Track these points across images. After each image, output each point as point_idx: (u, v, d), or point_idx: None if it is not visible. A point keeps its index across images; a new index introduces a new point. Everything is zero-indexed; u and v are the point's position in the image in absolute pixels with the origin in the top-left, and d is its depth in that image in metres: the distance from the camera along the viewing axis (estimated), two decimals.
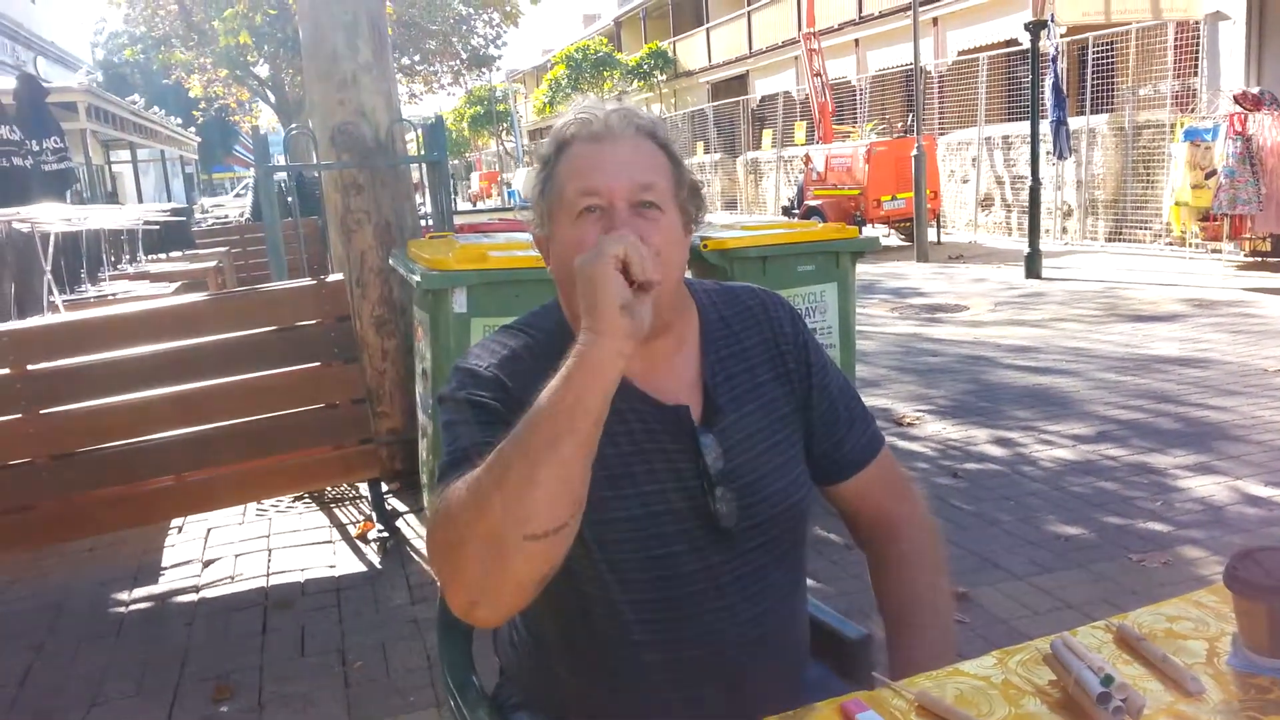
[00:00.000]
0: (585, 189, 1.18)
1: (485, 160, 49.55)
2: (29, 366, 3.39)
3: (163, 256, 9.41)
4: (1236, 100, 9.49)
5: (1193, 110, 11.45)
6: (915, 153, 12.43)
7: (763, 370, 1.31)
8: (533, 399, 1.03)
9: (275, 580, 3.57)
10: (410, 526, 4.00)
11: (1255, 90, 9.77)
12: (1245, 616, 1.07)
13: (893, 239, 14.66)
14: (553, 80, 30.12)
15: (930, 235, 13.45)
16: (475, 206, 28.24)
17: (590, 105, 1.23)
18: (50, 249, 5.54)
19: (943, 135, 16.13)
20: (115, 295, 6.24)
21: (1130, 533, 3.54)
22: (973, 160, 15.17)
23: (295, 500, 4.38)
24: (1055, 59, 11.29)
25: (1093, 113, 12.71)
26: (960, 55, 16.55)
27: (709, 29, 27.22)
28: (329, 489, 4.37)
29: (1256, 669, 1.05)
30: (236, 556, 3.82)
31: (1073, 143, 12.14)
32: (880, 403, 5.55)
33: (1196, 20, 11.94)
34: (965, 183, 15.53)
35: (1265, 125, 9.08)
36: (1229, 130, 9.21)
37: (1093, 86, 12.69)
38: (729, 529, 1.23)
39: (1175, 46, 12.05)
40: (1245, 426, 4.68)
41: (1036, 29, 10.48)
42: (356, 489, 4.40)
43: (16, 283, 5.23)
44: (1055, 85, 11.33)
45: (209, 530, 4.11)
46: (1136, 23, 12.22)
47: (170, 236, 9.81)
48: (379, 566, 3.64)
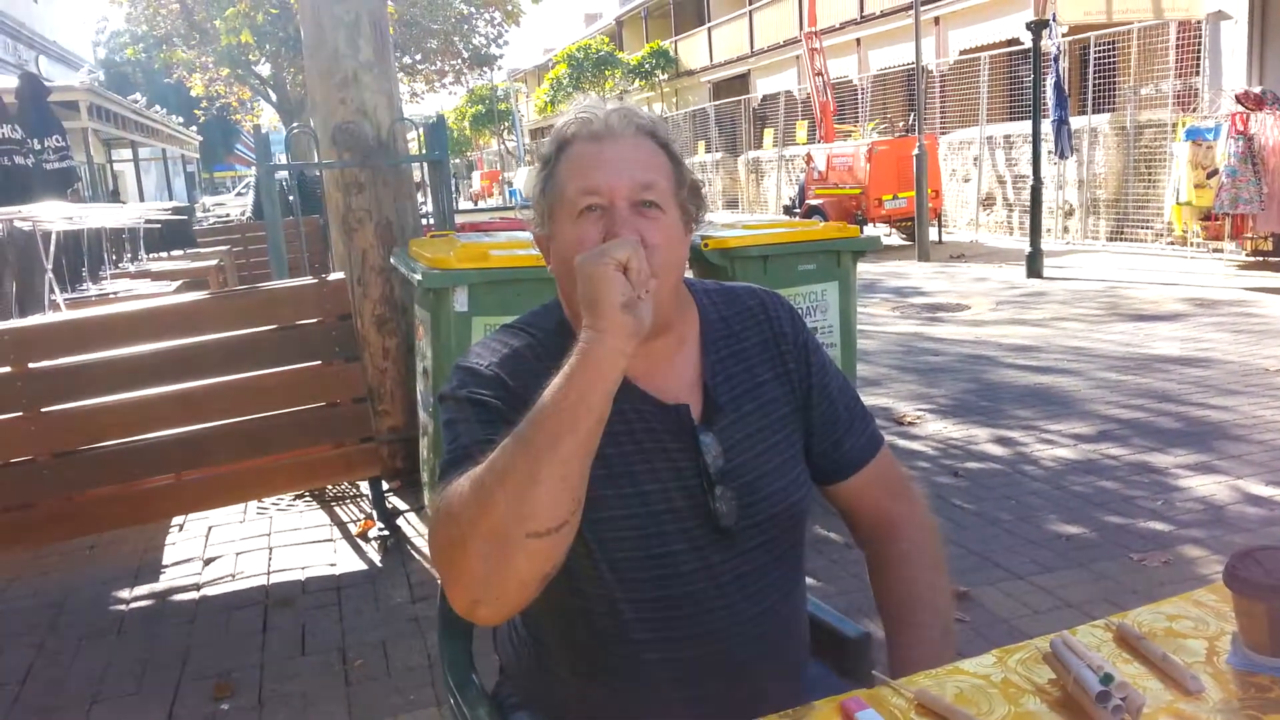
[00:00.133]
0: (586, 188, 1.18)
1: (486, 159, 49.56)
2: (30, 365, 3.39)
3: (164, 255, 9.41)
4: (1238, 99, 9.48)
5: (1194, 109, 11.45)
6: (917, 152, 12.44)
7: (762, 370, 1.32)
8: (534, 398, 1.04)
9: (276, 578, 3.58)
10: (411, 525, 4.00)
11: (1257, 89, 9.77)
12: (1245, 615, 1.07)
13: (894, 238, 14.66)
14: (554, 79, 30.12)
15: (931, 234, 13.45)
16: (476, 205, 28.25)
17: (591, 104, 1.24)
18: (52, 247, 5.54)
19: (944, 134, 16.13)
20: (116, 294, 6.24)
21: (1131, 532, 3.54)
22: (974, 159, 15.16)
23: (296, 499, 4.39)
24: (1057, 58, 11.28)
25: (1094, 112, 12.70)
26: (962, 54, 16.54)
27: (710, 28, 27.21)
28: (330, 487, 4.38)
29: (1256, 668, 1.05)
30: (237, 555, 3.82)
31: (1074, 142, 12.13)
32: (881, 402, 5.55)
33: (1198, 20, 11.93)
34: (967, 182, 15.52)
35: (1267, 125, 9.08)
36: (1231, 129, 9.21)
37: (1094, 86, 12.68)
38: (729, 528, 1.23)
39: (1177, 46, 12.04)
40: (1246, 426, 4.68)
41: (1038, 28, 10.48)
42: (357, 487, 4.40)
43: (18, 281, 5.23)
44: (1057, 84, 11.32)
45: (210, 528, 4.11)
46: (1138, 22, 12.21)
47: (171, 235, 9.80)
48: (379, 565, 3.65)
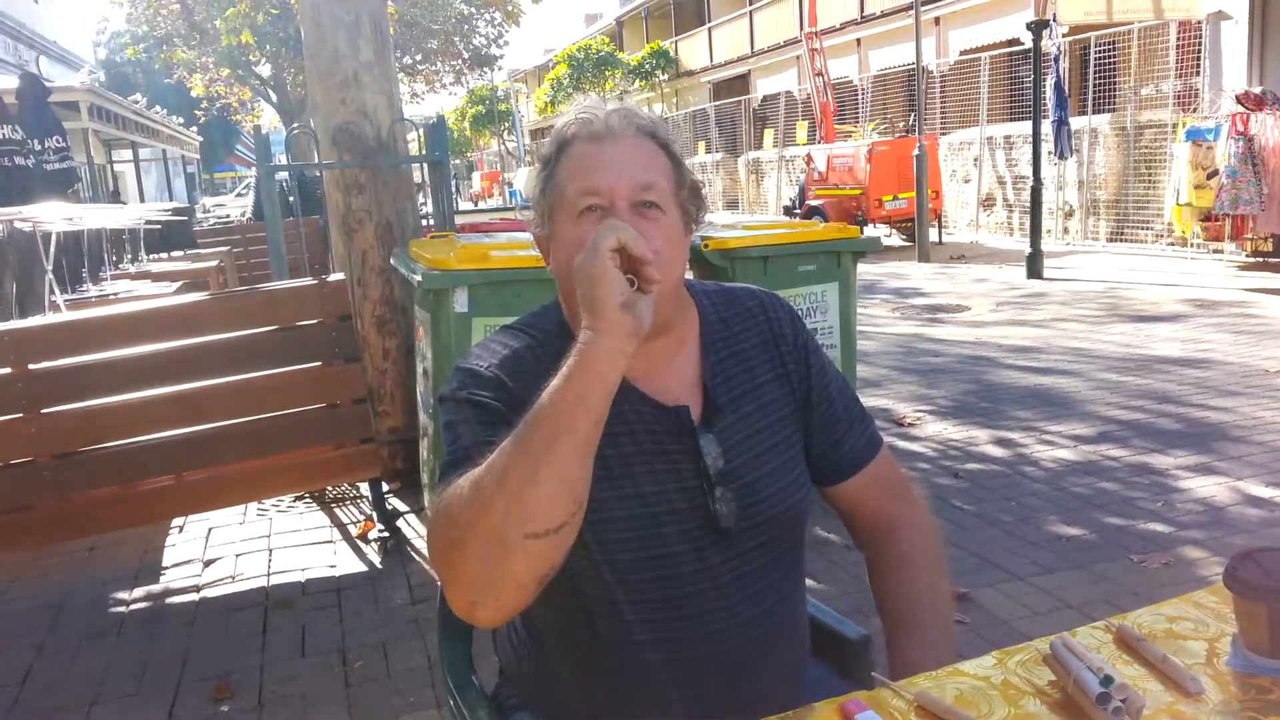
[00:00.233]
0: (586, 189, 1.18)
1: (487, 160, 49.56)
2: (30, 366, 3.39)
3: (164, 256, 9.41)
4: (1238, 100, 9.48)
5: (1195, 110, 11.45)
6: (917, 152, 12.43)
7: (762, 371, 1.32)
8: (534, 399, 1.04)
9: (276, 580, 3.58)
10: (411, 526, 4.00)
11: (1257, 90, 9.77)
12: (1245, 617, 1.07)
13: (894, 239, 14.65)
14: (554, 80, 30.12)
15: (932, 235, 13.44)
16: (477, 206, 28.25)
17: (591, 105, 1.24)
18: (52, 248, 5.54)
19: (944, 135, 16.13)
20: (117, 295, 6.24)
21: (1131, 533, 3.54)
22: (974, 160, 15.16)
23: (296, 500, 4.38)
24: (1057, 58, 11.28)
25: (1095, 112, 12.69)
26: (962, 55, 16.55)
27: (711, 28, 27.21)
28: (330, 489, 4.37)
29: (1256, 669, 1.05)
30: (237, 556, 3.82)
31: (1075, 142, 12.13)
32: (881, 403, 5.55)
33: (1198, 20, 11.93)
34: (967, 183, 15.52)
35: (1267, 125, 9.07)
36: (1231, 130, 9.21)
37: (1095, 86, 12.68)
38: (729, 529, 1.23)
39: (1177, 46, 12.04)
40: (1246, 427, 4.68)
41: (1038, 29, 10.48)
42: (357, 489, 4.40)
43: (18, 282, 5.23)
44: (1057, 85, 11.32)
45: (210, 530, 4.11)
46: (1138, 22, 12.21)
47: (172, 236, 9.80)
48: (379, 566, 3.65)
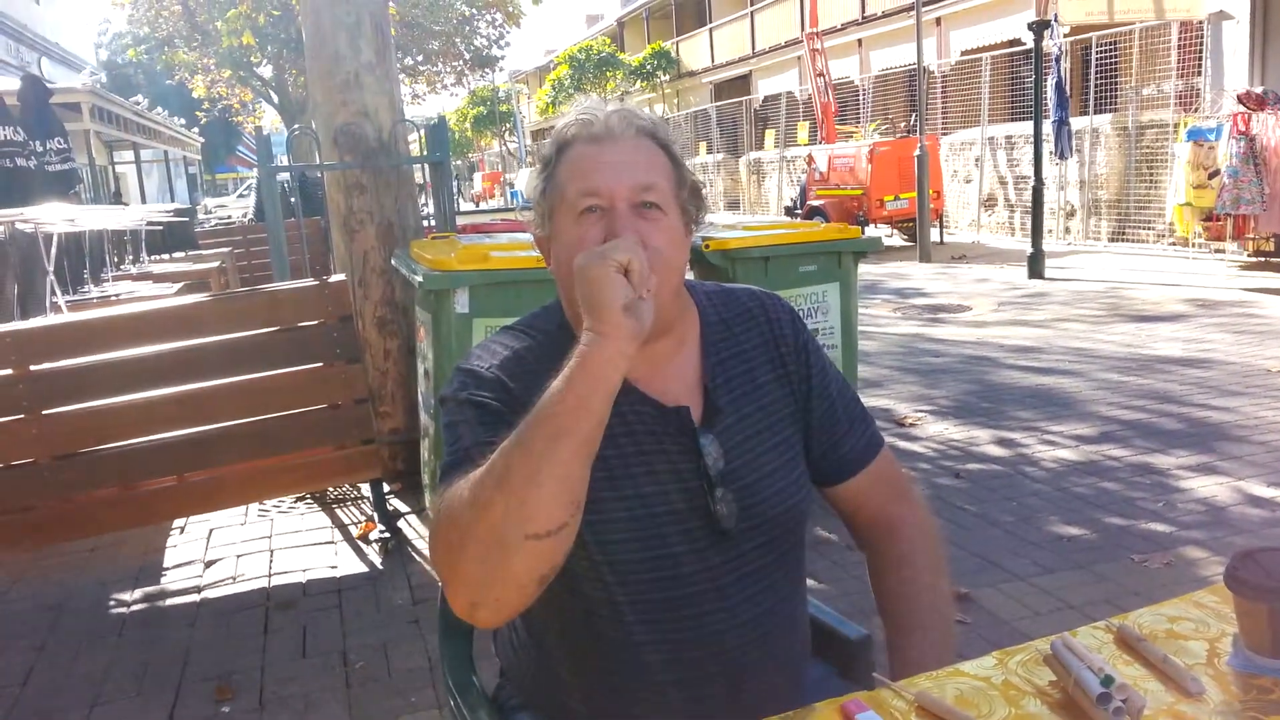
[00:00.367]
0: (586, 189, 1.18)
1: (488, 161, 49.59)
2: (32, 367, 3.40)
3: (166, 257, 9.42)
4: (1240, 100, 9.47)
5: (1196, 110, 11.44)
6: (918, 153, 12.44)
7: (762, 372, 1.31)
8: (534, 400, 1.04)
9: (277, 581, 3.58)
10: (412, 527, 4.00)
11: (1259, 90, 9.76)
12: (1246, 617, 1.07)
13: (895, 239, 14.65)
14: (555, 80, 30.14)
15: (933, 235, 13.44)
16: (478, 207, 28.26)
17: (591, 106, 1.24)
18: (53, 249, 5.55)
19: (946, 135, 16.12)
20: (118, 296, 6.25)
21: (1132, 533, 3.53)
22: (976, 160, 15.15)
23: (297, 501, 4.39)
24: (1058, 59, 11.27)
25: (1096, 112, 12.69)
26: (963, 55, 16.54)
27: (712, 29, 27.21)
28: (331, 489, 4.38)
29: (1257, 669, 1.05)
30: (238, 557, 3.82)
31: (1076, 143, 12.12)
32: (882, 403, 5.55)
33: (1200, 20, 11.93)
34: (968, 183, 15.51)
35: (1269, 125, 9.06)
36: (1232, 130, 9.20)
37: (1096, 86, 12.67)
38: (729, 530, 1.23)
39: (1179, 46, 12.03)
40: (1248, 427, 4.68)
41: (1040, 29, 10.47)
42: (358, 489, 4.40)
43: (20, 283, 5.24)
44: (1058, 85, 11.31)
45: (211, 531, 4.11)
46: (1140, 22, 12.20)
47: (173, 237, 9.82)
48: (380, 567, 3.65)
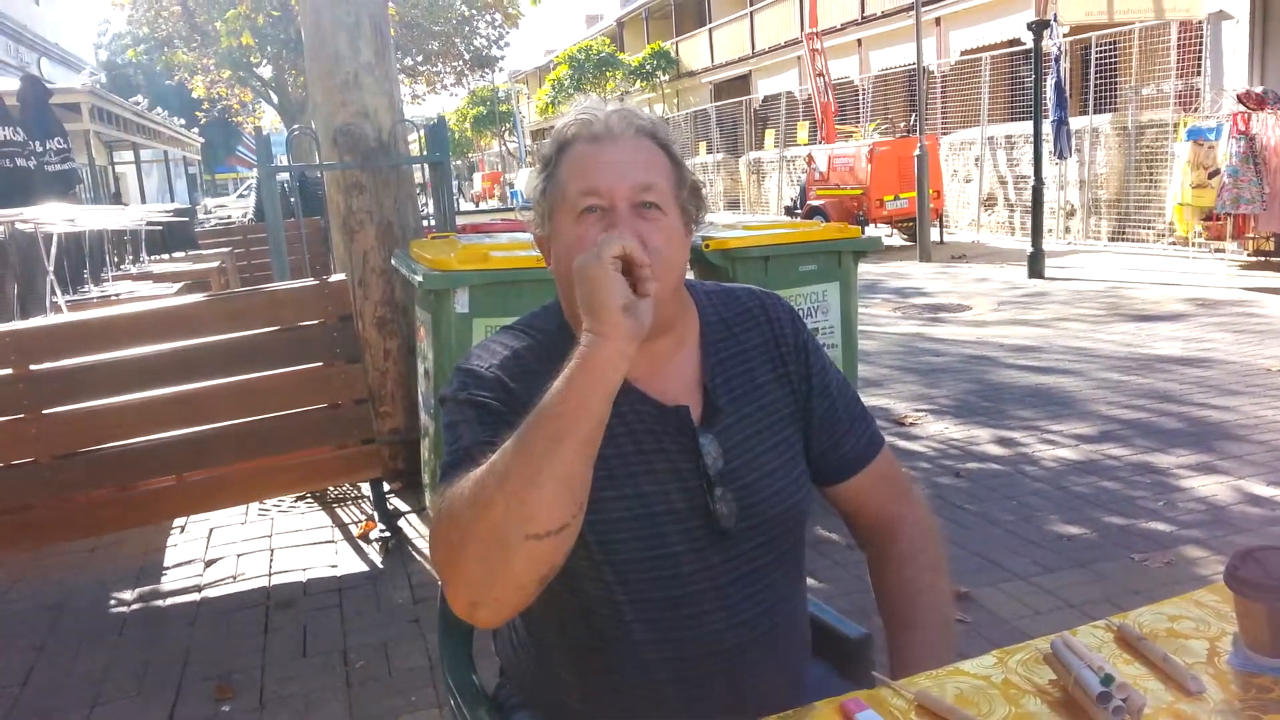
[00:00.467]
0: (586, 189, 1.18)
1: (488, 161, 49.59)
2: (32, 367, 3.40)
3: (166, 257, 9.43)
4: (1240, 99, 9.47)
5: (1196, 109, 11.44)
6: (918, 152, 12.44)
7: (762, 371, 1.31)
8: (535, 399, 1.04)
9: (277, 580, 3.58)
10: (412, 526, 4.00)
11: (1259, 89, 9.75)
12: (1246, 616, 1.07)
13: (895, 239, 14.65)
14: (555, 80, 30.14)
15: (933, 235, 13.44)
16: (478, 207, 28.26)
17: (591, 106, 1.24)
18: (53, 249, 5.55)
19: (945, 135, 16.12)
20: (118, 296, 6.25)
21: (1132, 532, 3.54)
22: (975, 160, 15.16)
23: (297, 500, 4.39)
24: (1058, 59, 11.27)
25: (1096, 112, 12.69)
26: (963, 55, 16.54)
27: (711, 29, 27.21)
28: (331, 489, 4.38)
29: (1257, 668, 1.05)
30: (238, 556, 3.82)
31: (1076, 142, 12.12)
32: (882, 402, 5.55)
33: (1199, 19, 11.92)
34: (968, 182, 15.51)
35: (1269, 124, 9.06)
36: (1232, 129, 9.20)
37: (1096, 86, 12.67)
38: (729, 529, 1.23)
39: (1178, 46, 12.03)
40: (1248, 426, 4.68)
41: (1039, 29, 10.47)
42: (358, 489, 4.40)
43: (20, 283, 5.24)
44: (1057, 85, 11.31)
45: (211, 530, 4.11)
46: (1139, 22, 12.20)
47: (173, 237, 9.82)
48: (381, 566, 3.65)
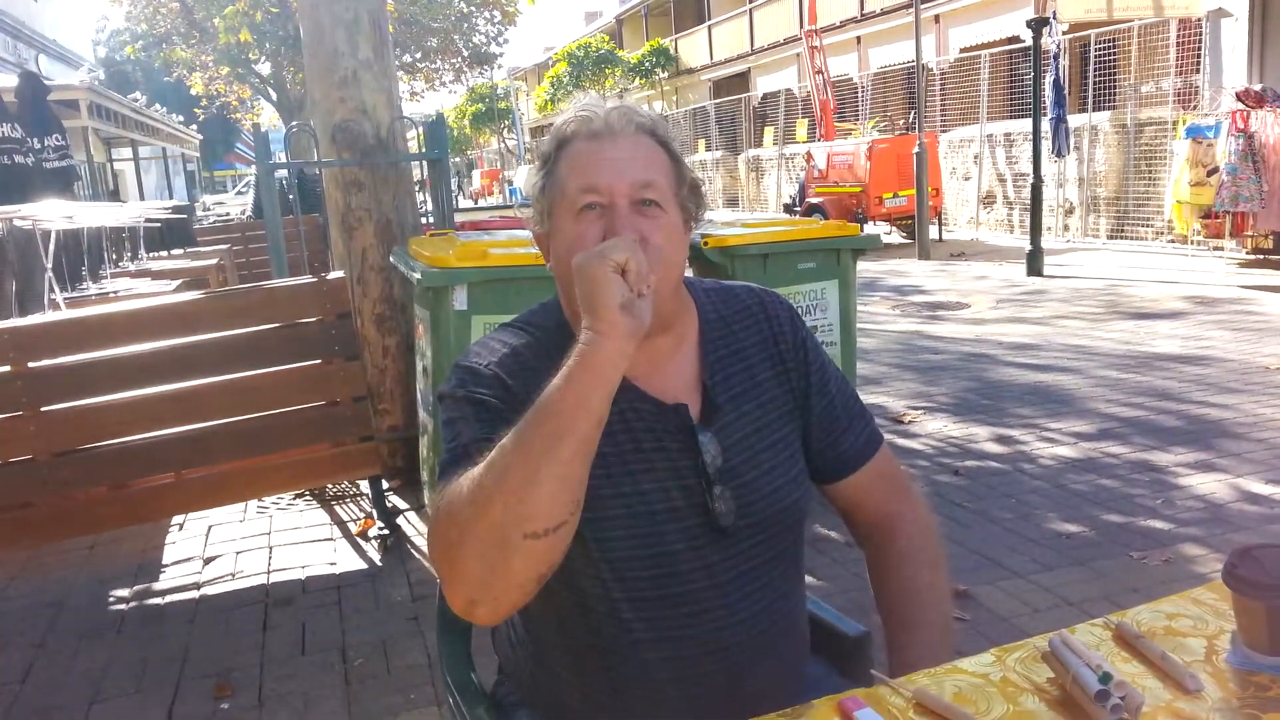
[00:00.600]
0: (586, 186, 1.18)
1: (487, 158, 49.57)
2: (30, 364, 3.39)
3: (164, 254, 9.41)
4: (1239, 97, 9.46)
5: (1195, 107, 11.43)
6: (917, 150, 12.43)
7: (761, 369, 1.31)
8: (533, 397, 1.03)
9: (276, 578, 3.58)
10: (411, 524, 4.00)
11: (1257, 87, 9.75)
12: (1244, 614, 1.07)
13: (894, 236, 14.65)
14: (554, 78, 30.12)
15: (932, 233, 13.44)
16: (476, 204, 28.25)
17: (590, 103, 1.23)
18: (51, 246, 5.54)
19: (944, 132, 16.11)
20: (117, 293, 6.24)
21: (1131, 530, 3.54)
22: (974, 157, 15.15)
23: (296, 498, 4.38)
24: (1057, 56, 11.27)
25: (1095, 110, 12.69)
26: (962, 52, 16.54)
27: (710, 26, 27.20)
28: (330, 486, 4.37)
29: (1255, 666, 1.05)
30: (237, 554, 3.82)
31: (1075, 140, 12.12)
32: (881, 400, 5.55)
33: (1199, 17, 11.92)
34: (967, 180, 15.51)
35: (1268, 122, 9.06)
36: (1231, 127, 9.19)
37: (1095, 83, 12.67)
38: (727, 527, 1.23)
39: (1177, 43, 12.03)
40: (1246, 424, 4.68)
41: (1039, 26, 10.47)
42: (357, 486, 4.40)
43: (18, 280, 5.24)
44: (1055, 83, 11.31)
45: (209, 528, 4.11)
46: (1139, 20, 12.20)
47: (172, 234, 9.81)
48: (379, 564, 3.65)
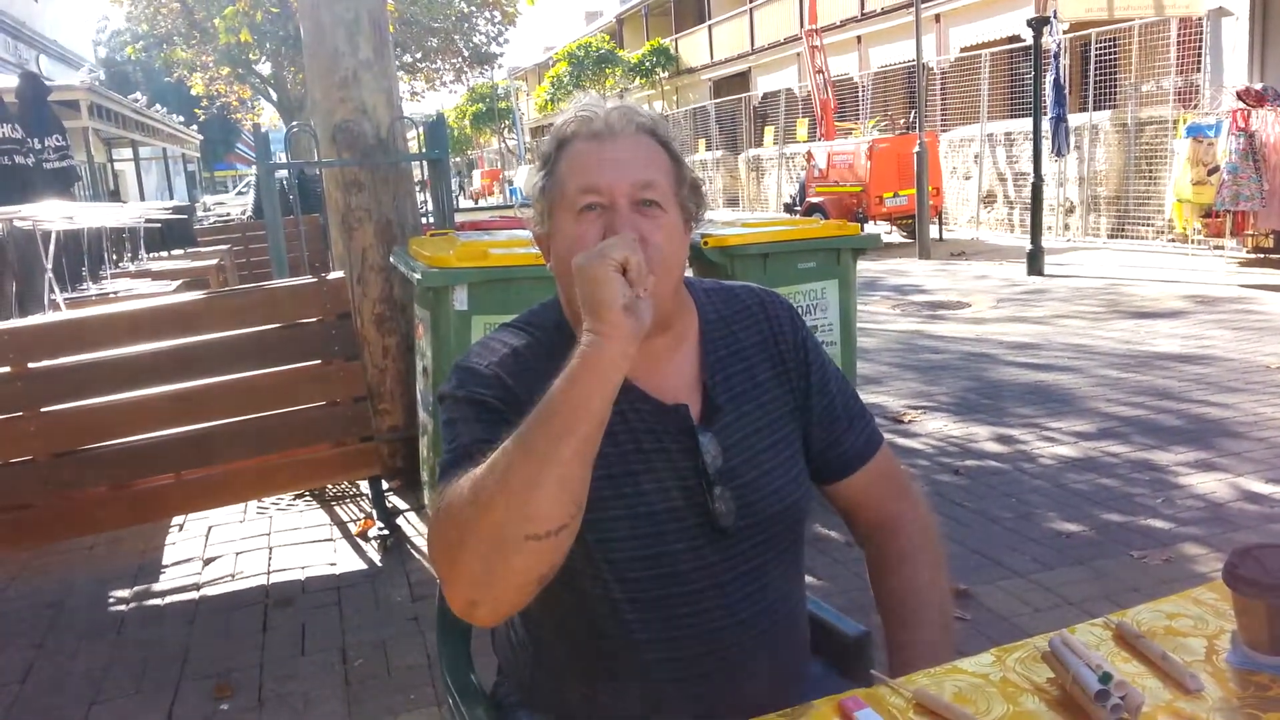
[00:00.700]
0: (586, 187, 1.17)
1: (487, 158, 49.58)
2: (30, 365, 3.39)
3: (164, 254, 9.41)
4: (1239, 96, 9.46)
5: (1195, 106, 11.43)
6: (917, 149, 12.43)
7: (761, 369, 1.31)
8: (534, 397, 1.03)
9: (276, 578, 3.58)
10: (411, 524, 4.00)
11: (1258, 86, 9.74)
12: (1244, 614, 1.07)
13: (894, 236, 14.65)
14: (554, 77, 30.12)
15: (932, 232, 13.44)
16: (477, 204, 28.26)
17: (591, 103, 1.23)
18: (52, 247, 5.54)
19: (945, 132, 16.11)
20: (117, 293, 6.24)
21: (1131, 530, 3.54)
22: (975, 157, 15.15)
23: (296, 498, 4.38)
24: (1058, 55, 11.27)
25: (1095, 109, 12.68)
26: (963, 52, 16.53)
27: (711, 26, 27.19)
28: (329, 487, 4.37)
29: (1256, 666, 1.05)
30: (237, 554, 3.82)
31: (1075, 139, 12.12)
32: (882, 400, 5.55)
33: (1199, 16, 11.92)
34: (967, 179, 15.51)
35: (1268, 121, 9.06)
36: (1232, 126, 9.19)
37: (1095, 83, 12.66)
38: (728, 527, 1.23)
39: (1178, 42, 12.03)
40: (1246, 423, 4.68)
41: (1039, 25, 10.47)
42: (357, 487, 4.40)
43: (18, 281, 5.24)
44: (1055, 82, 11.31)
45: (209, 528, 4.11)
46: (1139, 19, 12.19)
47: (172, 234, 9.81)
48: (379, 564, 3.65)
